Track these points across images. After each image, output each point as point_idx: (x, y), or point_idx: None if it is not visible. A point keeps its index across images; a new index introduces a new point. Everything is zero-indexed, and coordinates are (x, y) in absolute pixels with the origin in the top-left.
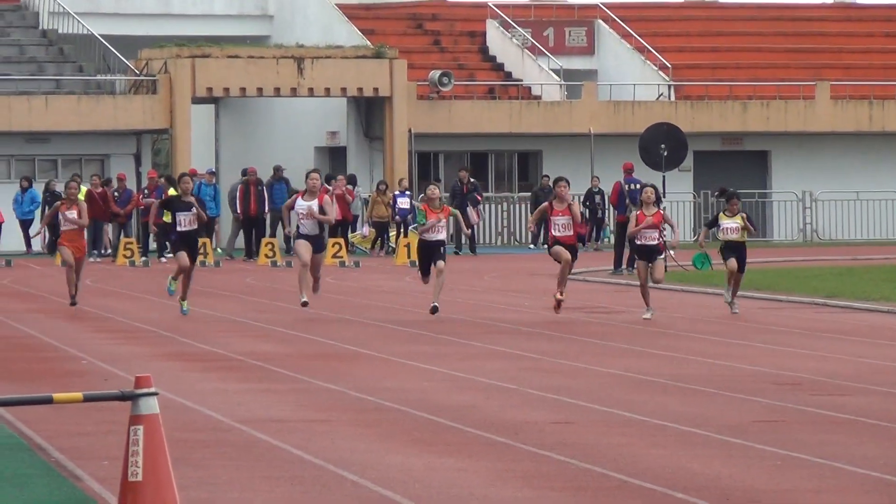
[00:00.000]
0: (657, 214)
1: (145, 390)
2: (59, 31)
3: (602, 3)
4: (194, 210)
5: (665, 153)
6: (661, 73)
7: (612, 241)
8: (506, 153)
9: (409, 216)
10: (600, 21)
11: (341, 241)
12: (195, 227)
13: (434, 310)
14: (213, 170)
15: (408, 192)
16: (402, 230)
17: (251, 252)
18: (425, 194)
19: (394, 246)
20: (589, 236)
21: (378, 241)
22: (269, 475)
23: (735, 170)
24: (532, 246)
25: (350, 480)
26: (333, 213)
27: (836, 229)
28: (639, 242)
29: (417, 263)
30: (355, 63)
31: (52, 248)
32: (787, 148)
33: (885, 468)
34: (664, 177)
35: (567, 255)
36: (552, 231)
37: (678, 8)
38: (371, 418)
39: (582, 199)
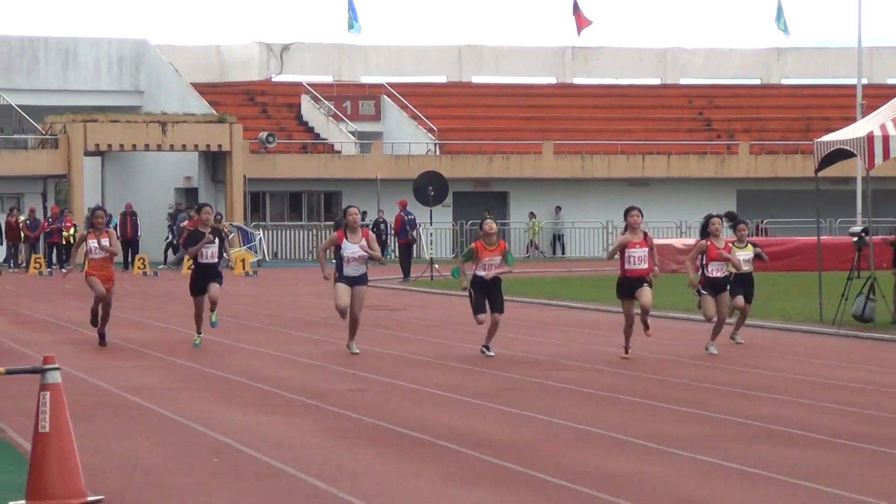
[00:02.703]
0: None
1: (51, 366)
2: None
3: (386, 83)
4: (217, 242)
5: (432, 193)
6: (429, 134)
7: (396, 256)
8: (315, 193)
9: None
10: (385, 96)
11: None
12: (215, 260)
13: (486, 350)
14: (101, 205)
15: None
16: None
17: (126, 265)
18: (482, 229)
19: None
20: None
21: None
22: (140, 428)
23: (484, 205)
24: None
25: (200, 431)
26: (371, 245)
27: (557, 249)
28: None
29: (472, 299)
30: (204, 126)
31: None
32: (522, 189)
33: (595, 424)
34: (431, 211)
35: (646, 300)
36: (626, 265)
37: (443, 86)
38: (216, 387)
39: (371, 227)
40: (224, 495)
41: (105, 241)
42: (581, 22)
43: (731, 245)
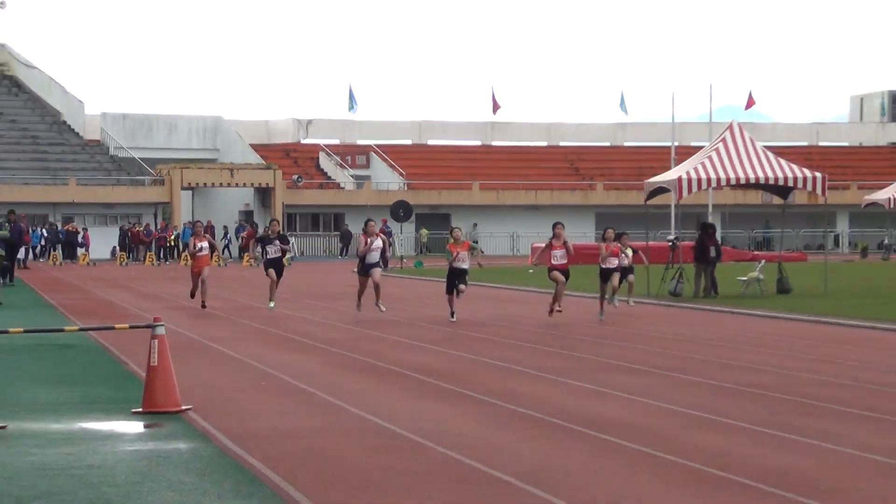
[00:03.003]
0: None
1: (158, 323)
2: (119, 156)
3: (374, 144)
4: (277, 244)
5: (402, 214)
6: (400, 177)
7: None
8: (328, 214)
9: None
10: (372, 153)
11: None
12: (279, 255)
13: (452, 315)
14: (191, 220)
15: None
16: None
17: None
18: (451, 235)
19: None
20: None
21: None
22: (215, 362)
23: (434, 223)
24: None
25: (253, 364)
26: (385, 244)
27: (478, 251)
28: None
29: (446, 284)
30: (257, 171)
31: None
32: (459, 211)
33: (504, 360)
34: (402, 225)
35: (562, 277)
36: (552, 261)
37: (409, 147)
38: (265, 337)
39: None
40: (267, 404)
41: (202, 244)
42: (495, 106)
43: (619, 246)
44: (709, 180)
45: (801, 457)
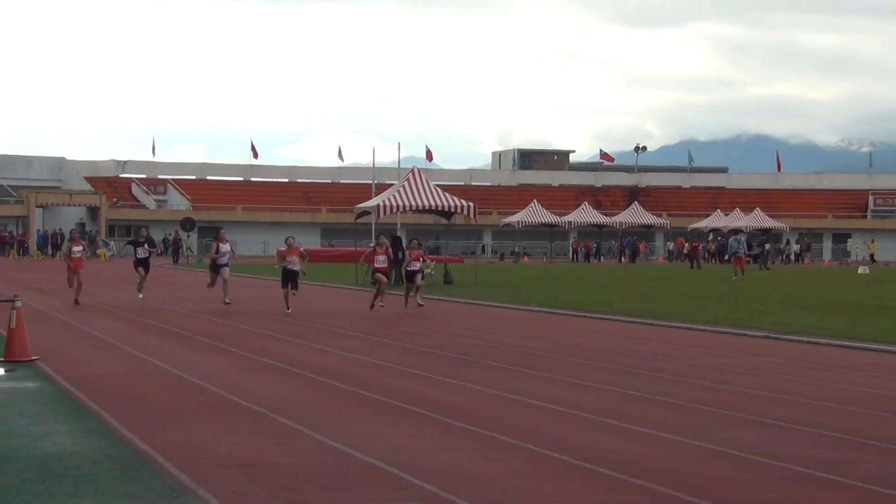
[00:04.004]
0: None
1: (17, 298)
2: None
3: (169, 179)
4: (146, 246)
5: (188, 226)
6: (188, 201)
7: (172, 254)
8: (138, 227)
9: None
10: (169, 184)
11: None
12: (147, 255)
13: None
14: (41, 228)
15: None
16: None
17: (53, 254)
18: (286, 242)
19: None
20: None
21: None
22: (58, 327)
23: (210, 233)
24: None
25: (87, 330)
26: (233, 249)
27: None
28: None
29: (281, 282)
30: (89, 196)
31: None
32: (229, 226)
33: (263, 328)
34: (188, 234)
35: (384, 279)
36: (375, 265)
37: (194, 180)
38: (93, 310)
39: (170, 241)
40: (92, 356)
41: (78, 247)
42: (255, 153)
43: (420, 253)
44: (398, 206)
45: (455, 394)
